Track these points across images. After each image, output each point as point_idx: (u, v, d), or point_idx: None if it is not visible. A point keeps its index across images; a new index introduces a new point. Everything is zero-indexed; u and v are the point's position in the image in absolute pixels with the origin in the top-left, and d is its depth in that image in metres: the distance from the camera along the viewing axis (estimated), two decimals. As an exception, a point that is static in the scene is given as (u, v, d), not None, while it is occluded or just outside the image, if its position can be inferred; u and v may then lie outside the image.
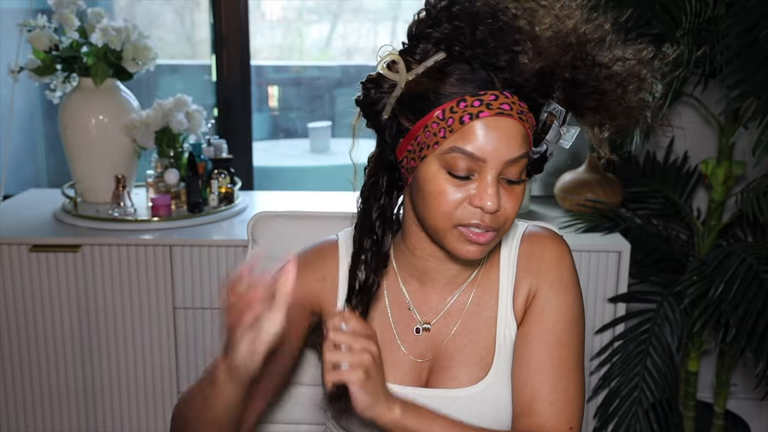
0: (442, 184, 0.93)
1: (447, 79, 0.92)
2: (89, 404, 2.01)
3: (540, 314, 1.03)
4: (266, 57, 2.67)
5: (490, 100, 0.91)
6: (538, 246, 1.07)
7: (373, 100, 0.98)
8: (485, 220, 0.94)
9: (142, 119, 2.09)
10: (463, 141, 0.91)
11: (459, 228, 0.95)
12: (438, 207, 0.94)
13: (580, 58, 0.94)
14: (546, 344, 1.02)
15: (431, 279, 1.07)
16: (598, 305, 1.95)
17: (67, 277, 1.94)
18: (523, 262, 1.06)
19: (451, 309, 1.08)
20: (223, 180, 2.16)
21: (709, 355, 2.39)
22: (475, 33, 0.91)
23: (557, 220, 2.06)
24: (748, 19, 1.78)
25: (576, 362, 1.02)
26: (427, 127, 0.93)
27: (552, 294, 1.04)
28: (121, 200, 2.06)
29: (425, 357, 1.07)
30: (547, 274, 1.04)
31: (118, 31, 2.03)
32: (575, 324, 1.04)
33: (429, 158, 0.94)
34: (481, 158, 0.92)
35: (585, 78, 0.94)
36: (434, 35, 0.93)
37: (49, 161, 2.64)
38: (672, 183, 2.23)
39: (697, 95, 2.18)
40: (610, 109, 0.97)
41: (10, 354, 1.99)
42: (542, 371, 1.00)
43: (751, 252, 1.87)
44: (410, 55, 0.95)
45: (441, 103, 0.92)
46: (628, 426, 1.93)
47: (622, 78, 0.96)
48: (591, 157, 2.14)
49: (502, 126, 0.92)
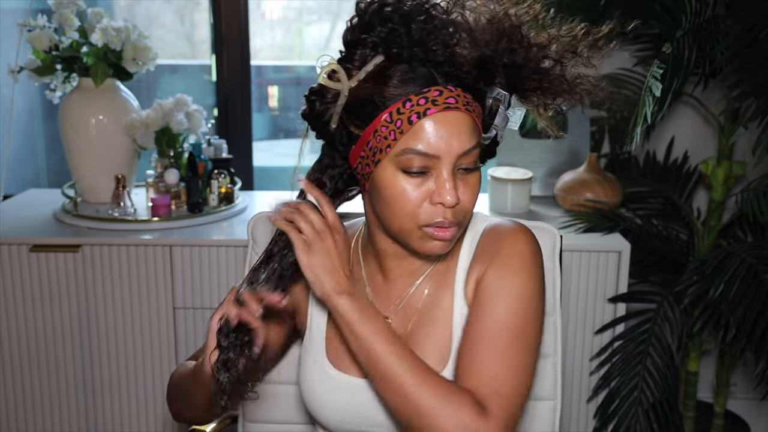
0: (400, 185, 0.94)
1: (389, 81, 0.93)
2: (89, 404, 2.01)
3: (481, 293, 1.02)
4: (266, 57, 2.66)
5: (434, 96, 0.92)
6: (496, 235, 1.05)
7: (319, 112, 0.98)
8: (448, 216, 0.95)
9: (142, 119, 2.09)
10: (414, 141, 0.92)
11: (424, 228, 0.96)
12: (401, 209, 0.95)
13: (516, 42, 0.95)
14: (481, 320, 0.99)
15: (394, 274, 1.08)
16: (598, 305, 1.95)
17: (67, 277, 1.94)
18: (479, 251, 1.06)
19: (409, 302, 1.08)
20: (223, 180, 2.16)
21: (709, 355, 2.39)
22: (409, 32, 0.92)
23: (557, 220, 2.06)
24: (748, 19, 1.77)
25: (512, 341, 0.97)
26: (377, 132, 0.94)
27: (496, 274, 1.01)
28: (121, 200, 2.06)
29: None
30: (495, 257, 1.02)
31: (118, 31, 2.03)
32: (520, 303, 0.99)
33: (383, 162, 0.95)
34: (434, 155, 0.93)
35: (523, 60, 0.96)
36: (370, 39, 0.93)
37: (49, 161, 2.64)
38: (672, 183, 2.23)
39: (697, 95, 2.18)
40: (552, 88, 0.98)
41: (10, 354, 1.99)
42: (474, 344, 0.98)
43: (751, 252, 1.87)
44: (349, 62, 0.95)
45: (387, 106, 0.93)
46: (628, 426, 1.93)
47: (559, 55, 0.97)
48: (591, 157, 2.14)
49: (450, 120, 0.93)
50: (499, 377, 0.95)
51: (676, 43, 1.81)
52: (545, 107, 1.00)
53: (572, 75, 0.99)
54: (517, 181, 2.12)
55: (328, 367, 1.08)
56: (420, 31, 0.92)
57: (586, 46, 0.98)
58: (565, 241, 1.87)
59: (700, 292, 1.90)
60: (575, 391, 2.01)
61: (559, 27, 0.98)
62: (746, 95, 1.78)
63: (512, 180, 2.11)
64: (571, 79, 0.98)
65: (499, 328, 0.98)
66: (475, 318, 1.00)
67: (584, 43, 0.98)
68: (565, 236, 1.91)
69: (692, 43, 1.82)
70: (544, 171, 2.28)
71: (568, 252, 1.90)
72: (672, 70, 1.75)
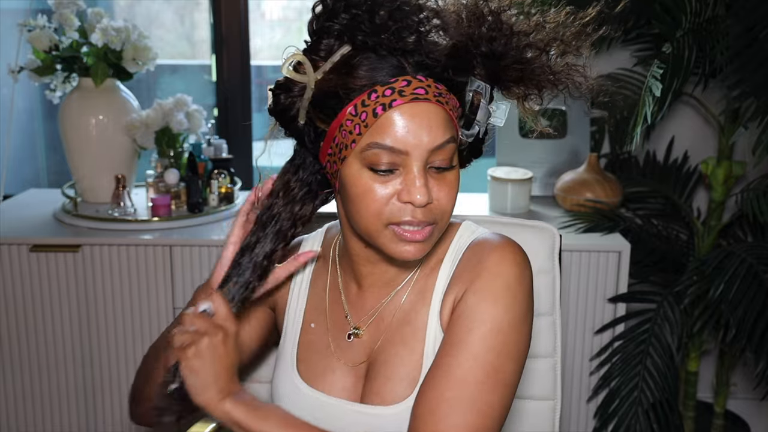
0: (367, 183, 0.87)
1: (355, 72, 0.86)
2: (89, 404, 2.01)
3: (456, 320, 0.92)
4: (266, 57, 2.66)
5: (402, 86, 0.85)
6: (480, 252, 0.95)
7: (285, 106, 0.91)
8: (417, 216, 0.87)
9: (142, 119, 2.09)
10: (380, 135, 0.85)
11: (391, 227, 0.88)
12: (366, 207, 0.88)
13: (495, 29, 0.87)
14: (452, 352, 0.89)
15: (369, 283, 1.01)
16: (598, 305, 1.95)
17: (67, 277, 1.94)
18: (460, 269, 0.96)
19: (382, 315, 1.00)
20: (223, 180, 2.16)
21: (709, 355, 2.39)
22: (374, 18, 0.85)
23: (557, 220, 2.06)
24: (748, 19, 1.78)
25: (483, 380, 0.88)
26: (342, 126, 0.87)
27: (474, 299, 0.91)
28: (121, 200, 2.06)
29: (358, 363, 1.01)
30: (475, 279, 0.92)
31: (118, 31, 2.03)
32: (498, 336, 0.89)
33: (349, 159, 0.88)
34: (402, 150, 0.85)
35: (504, 49, 0.88)
36: (334, 28, 0.86)
37: (49, 161, 2.64)
38: (672, 183, 2.23)
39: (697, 95, 2.18)
40: (535, 78, 0.90)
41: (10, 354, 1.99)
42: (441, 381, 0.88)
43: (751, 252, 1.87)
44: (315, 53, 0.89)
45: (352, 99, 0.86)
46: (628, 426, 1.93)
47: (544, 44, 0.89)
48: (591, 157, 2.14)
49: (419, 112, 0.85)
50: (460, 424, 0.86)
51: (676, 43, 1.81)
52: (526, 98, 0.92)
53: (558, 65, 0.90)
54: (517, 181, 2.12)
55: (298, 381, 1.02)
56: (385, 16, 0.85)
57: (572, 33, 0.90)
58: (565, 241, 1.87)
59: (700, 292, 1.90)
60: (575, 391, 2.01)
61: (542, 13, 0.91)
62: (746, 95, 1.78)
63: (512, 180, 2.11)
64: (557, 69, 0.90)
65: (470, 365, 0.88)
66: (446, 349, 0.90)
67: (571, 29, 0.90)
68: (565, 236, 1.91)
69: (692, 43, 1.82)
70: (544, 171, 2.28)
71: (568, 252, 1.90)
72: (672, 70, 1.75)
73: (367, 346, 1.01)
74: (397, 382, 0.95)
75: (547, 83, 0.90)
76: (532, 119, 0.94)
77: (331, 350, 1.02)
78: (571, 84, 0.91)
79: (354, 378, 1.00)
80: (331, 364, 1.02)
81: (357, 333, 1.02)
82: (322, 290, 1.06)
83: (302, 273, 1.08)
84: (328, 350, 1.03)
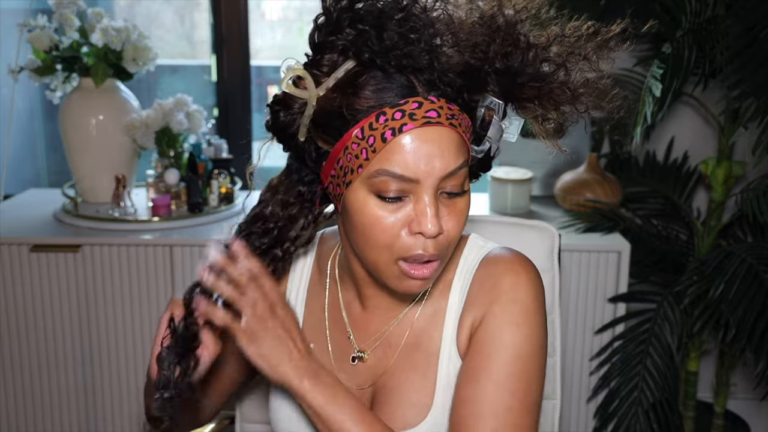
0: (375, 212, 0.81)
1: (361, 92, 0.80)
2: (89, 404, 2.01)
3: (476, 346, 0.88)
4: (266, 57, 2.66)
5: (413, 109, 0.79)
6: (494, 271, 0.91)
7: (285, 123, 0.85)
8: (428, 249, 0.82)
9: (142, 119, 2.09)
10: (389, 162, 0.79)
11: (400, 263, 0.83)
12: (376, 239, 0.82)
13: (511, 43, 0.81)
14: (477, 382, 0.86)
15: (372, 304, 0.96)
16: (598, 305, 1.95)
17: (67, 277, 1.94)
18: (474, 290, 0.91)
19: (390, 338, 0.95)
20: (223, 180, 2.16)
21: (709, 355, 2.39)
22: (382, 35, 0.78)
23: (557, 220, 2.06)
24: (748, 19, 1.78)
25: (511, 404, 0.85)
26: (348, 149, 0.80)
27: (495, 325, 0.87)
28: (121, 200, 2.06)
29: (363, 387, 0.96)
30: (494, 303, 0.88)
31: (118, 31, 2.03)
32: (520, 362, 0.86)
33: (354, 184, 0.82)
34: (413, 179, 0.79)
35: (520, 65, 0.82)
36: (338, 43, 0.80)
37: (49, 161, 2.64)
38: (672, 183, 2.23)
39: (697, 95, 2.18)
40: (553, 96, 0.84)
41: (10, 354, 1.99)
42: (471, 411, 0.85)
43: (751, 252, 1.87)
44: (317, 68, 0.82)
45: (358, 120, 0.79)
46: (628, 426, 1.93)
47: (563, 59, 0.83)
48: (591, 157, 2.14)
49: (431, 137, 0.79)
50: None
51: (676, 43, 1.81)
52: (544, 119, 0.86)
53: (577, 81, 0.84)
54: (517, 181, 2.12)
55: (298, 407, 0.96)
56: (395, 32, 0.78)
57: (593, 48, 0.84)
58: (565, 241, 1.87)
59: (700, 292, 1.90)
60: (575, 391, 2.01)
61: (561, 26, 0.84)
62: (746, 95, 1.78)
63: (512, 180, 2.11)
64: (576, 87, 0.84)
65: (496, 391, 0.85)
66: (469, 378, 0.87)
67: (592, 44, 0.84)
68: (565, 236, 1.91)
69: (692, 43, 1.82)
70: (544, 171, 2.28)
71: (568, 252, 1.90)
72: (672, 70, 1.75)
73: (374, 371, 0.96)
74: (408, 408, 0.91)
75: (566, 102, 0.85)
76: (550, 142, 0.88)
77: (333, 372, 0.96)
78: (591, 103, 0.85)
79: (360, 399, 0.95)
80: None
81: (362, 357, 0.97)
82: (321, 309, 1.01)
83: (297, 287, 1.02)
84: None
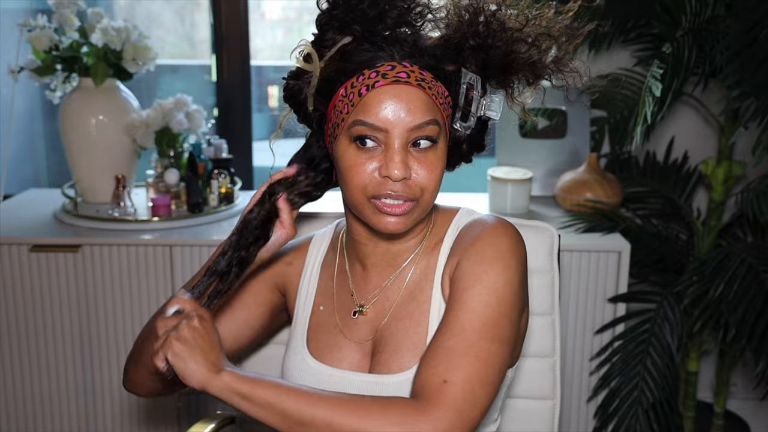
0: (352, 158, 0.95)
1: (350, 59, 0.95)
2: (89, 404, 2.01)
3: (453, 284, 0.98)
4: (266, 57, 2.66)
5: (386, 70, 0.93)
6: (476, 227, 1.02)
7: (294, 91, 1.01)
8: (396, 189, 0.94)
9: (142, 119, 2.10)
10: (364, 113, 0.93)
11: (373, 201, 0.96)
12: (351, 180, 0.96)
13: (484, 23, 0.96)
14: (453, 311, 0.94)
15: (372, 262, 1.08)
16: (598, 305, 1.95)
17: (67, 277, 1.94)
18: (456, 244, 1.03)
19: (387, 292, 1.07)
20: (223, 180, 2.16)
21: (709, 355, 2.39)
22: (371, 11, 0.93)
23: (557, 220, 2.06)
24: (748, 19, 1.78)
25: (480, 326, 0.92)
26: (335, 107, 0.96)
27: (468, 264, 0.97)
28: (121, 200, 2.06)
29: (364, 340, 1.06)
30: (469, 248, 0.99)
31: (118, 31, 2.03)
32: (493, 295, 0.94)
33: (340, 136, 0.97)
34: (382, 128, 0.93)
35: (493, 42, 0.96)
36: (336, 21, 0.95)
37: (49, 161, 2.64)
38: (672, 183, 2.23)
39: (697, 95, 2.18)
40: (523, 69, 0.98)
41: (10, 354, 1.99)
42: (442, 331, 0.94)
43: (751, 252, 1.87)
44: (322, 44, 0.98)
45: (344, 82, 0.95)
46: (628, 426, 1.93)
47: (533, 38, 0.97)
48: (591, 157, 2.14)
49: (399, 94, 0.93)
50: (457, 367, 0.89)
51: (676, 43, 1.81)
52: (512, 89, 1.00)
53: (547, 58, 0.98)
54: (517, 181, 2.12)
55: (308, 357, 1.07)
56: (383, 10, 0.94)
57: (560, 28, 0.98)
58: (565, 241, 1.87)
59: (700, 292, 1.90)
60: (575, 391, 2.01)
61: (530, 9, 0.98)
62: (746, 95, 1.78)
63: (512, 180, 2.11)
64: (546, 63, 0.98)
65: (468, 317, 0.93)
66: (447, 310, 0.96)
67: (559, 25, 0.98)
68: (565, 236, 1.91)
69: (692, 43, 1.83)
70: (544, 171, 2.28)
71: (567, 252, 1.90)
72: (672, 70, 1.75)
73: (373, 324, 1.06)
74: (404, 353, 1.01)
75: (535, 74, 0.98)
76: (521, 112, 1.02)
77: (338, 329, 1.08)
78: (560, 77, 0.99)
79: (361, 354, 1.06)
80: (338, 342, 1.07)
81: (362, 310, 1.07)
82: (330, 276, 1.13)
83: (313, 261, 1.15)
84: (335, 329, 1.08)
